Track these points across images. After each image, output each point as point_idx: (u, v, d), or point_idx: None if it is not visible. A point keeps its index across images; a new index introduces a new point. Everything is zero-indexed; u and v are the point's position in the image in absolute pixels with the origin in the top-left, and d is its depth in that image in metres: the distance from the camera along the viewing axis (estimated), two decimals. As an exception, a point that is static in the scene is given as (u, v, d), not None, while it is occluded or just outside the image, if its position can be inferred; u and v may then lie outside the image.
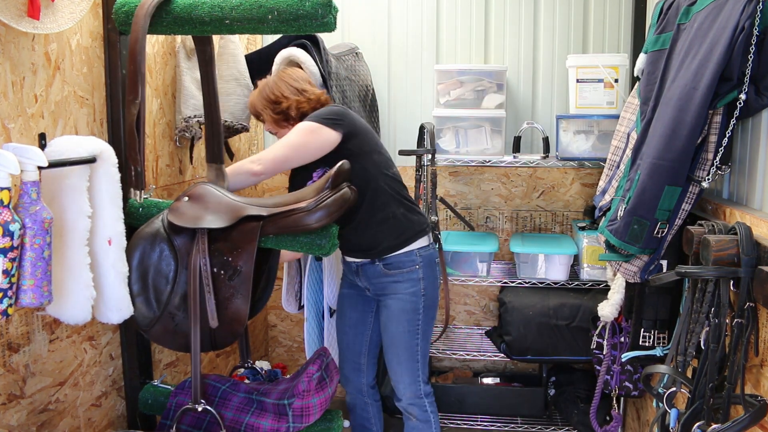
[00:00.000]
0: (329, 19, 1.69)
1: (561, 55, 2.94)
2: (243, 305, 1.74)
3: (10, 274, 1.34)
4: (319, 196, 1.73)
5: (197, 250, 1.74)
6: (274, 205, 1.77)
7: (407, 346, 2.17)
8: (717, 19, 1.59)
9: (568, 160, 2.70)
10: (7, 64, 1.54)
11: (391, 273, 2.15)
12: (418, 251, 2.14)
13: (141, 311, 1.78)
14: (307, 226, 1.72)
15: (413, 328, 2.16)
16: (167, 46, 2.27)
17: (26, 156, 1.40)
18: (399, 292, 2.15)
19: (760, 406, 1.34)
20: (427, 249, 2.17)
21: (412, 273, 2.14)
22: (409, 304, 2.15)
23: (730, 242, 1.41)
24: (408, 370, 2.19)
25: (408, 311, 2.15)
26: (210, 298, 1.74)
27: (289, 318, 3.33)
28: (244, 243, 1.74)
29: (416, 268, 2.13)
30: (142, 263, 1.77)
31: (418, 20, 3.03)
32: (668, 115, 1.67)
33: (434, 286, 2.19)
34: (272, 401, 1.82)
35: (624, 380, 2.37)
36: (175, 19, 1.77)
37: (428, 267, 2.16)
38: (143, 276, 1.77)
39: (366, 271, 2.19)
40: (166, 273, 1.78)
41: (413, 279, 2.14)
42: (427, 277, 2.15)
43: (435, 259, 2.20)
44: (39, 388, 1.69)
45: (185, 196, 1.80)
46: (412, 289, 2.14)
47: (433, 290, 2.18)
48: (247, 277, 1.73)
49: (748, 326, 1.38)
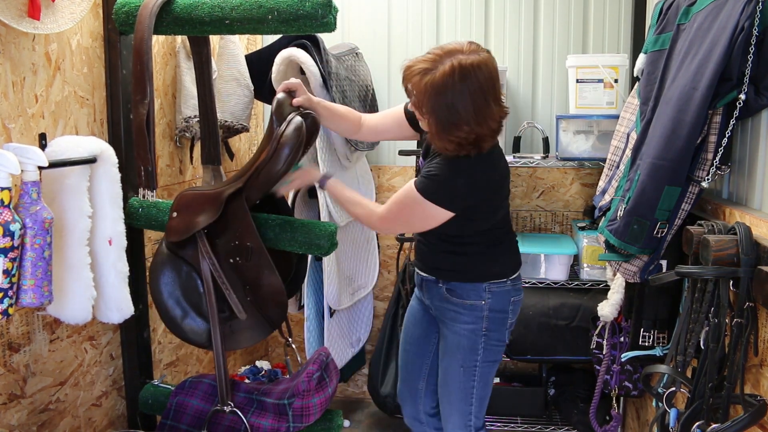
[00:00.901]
0: (329, 20, 1.69)
1: (561, 55, 2.94)
2: (272, 276, 1.73)
3: (10, 274, 1.34)
4: (273, 138, 1.71)
5: (201, 254, 1.75)
6: (244, 173, 1.77)
7: (461, 386, 1.92)
8: (717, 19, 1.59)
9: (568, 160, 2.70)
10: (7, 64, 1.54)
11: (453, 301, 1.90)
12: (488, 285, 1.87)
13: (194, 331, 1.81)
14: (278, 172, 1.70)
15: (469, 366, 1.90)
16: (167, 46, 2.27)
17: (27, 156, 1.40)
18: (458, 323, 1.90)
19: (760, 406, 1.34)
20: (501, 285, 1.88)
21: (476, 308, 1.87)
22: (466, 340, 1.89)
23: (729, 242, 1.41)
24: (458, 411, 1.94)
25: (464, 348, 1.89)
26: (230, 293, 1.74)
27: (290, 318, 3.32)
28: (239, 221, 1.75)
29: (482, 303, 1.86)
30: (170, 290, 1.81)
31: (418, 20, 3.03)
32: (668, 115, 1.67)
33: (501, 327, 1.90)
34: (272, 401, 1.82)
35: (624, 380, 2.37)
36: (175, 20, 1.77)
37: (498, 304, 1.88)
38: (177, 301, 1.81)
39: (429, 288, 1.97)
40: (194, 287, 1.81)
41: (476, 315, 1.87)
42: (494, 316, 1.88)
43: (512, 297, 1.91)
44: (39, 388, 1.69)
45: (173, 212, 1.82)
46: (473, 326, 1.88)
47: (498, 332, 1.90)
48: (260, 250, 1.73)
49: (747, 326, 1.39)
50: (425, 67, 1.64)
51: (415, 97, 1.68)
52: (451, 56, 1.62)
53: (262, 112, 3.19)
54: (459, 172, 1.72)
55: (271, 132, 1.74)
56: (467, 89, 1.61)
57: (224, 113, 2.42)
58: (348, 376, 3.03)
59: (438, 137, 1.69)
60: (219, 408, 1.82)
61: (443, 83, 1.61)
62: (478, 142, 1.68)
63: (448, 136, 1.67)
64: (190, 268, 1.80)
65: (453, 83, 1.61)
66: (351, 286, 2.70)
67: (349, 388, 3.31)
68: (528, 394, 2.88)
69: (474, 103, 1.62)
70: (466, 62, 1.61)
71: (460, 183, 1.72)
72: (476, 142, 1.68)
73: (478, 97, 1.63)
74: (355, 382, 3.28)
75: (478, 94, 1.63)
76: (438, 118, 1.65)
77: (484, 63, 1.64)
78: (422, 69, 1.64)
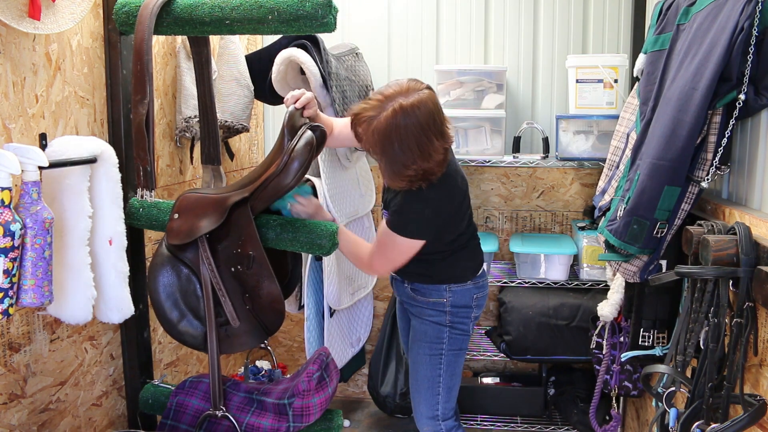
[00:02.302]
0: (329, 20, 1.69)
1: (561, 55, 2.94)
2: (272, 285, 1.75)
3: (11, 274, 1.35)
4: (284, 151, 1.72)
5: (201, 259, 1.75)
6: (251, 182, 1.78)
7: (427, 374, 2.02)
8: (716, 19, 1.59)
9: (568, 160, 2.70)
10: (7, 64, 1.54)
11: (417, 298, 2.04)
12: (448, 286, 1.99)
13: (189, 333, 1.81)
14: (287, 186, 1.72)
15: (435, 355, 2.01)
16: (168, 46, 2.27)
17: (27, 156, 1.40)
18: (424, 317, 2.03)
19: (759, 406, 1.35)
20: (462, 285, 2.00)
21: (438, 305, 2.00)
22: (431, 330, 2.01)
23: (729, 242, 1.42)
24: (426, 401, 2.03)
25: (430, 337, 2.01)
26: (226, 301, 1.75)
27: (289, 318, 3.34)
28: (243, 230, 1.75)
29: (443, 300, 1.99)
30: (168, 292, 1.80)
31: (418, 20, 3.03)
32: (668, 115, 1.68)
33: (464, 319, 2.01)
34: (272, 401, 1.82)
35: (623, 380, 2.37)
36: (175, 20, 1.78)
37: (460, 301, 2.00)
38: (175, 303, 1.81)
39: (396, 286, 2.13)
40: (192, 290, 1.81)
41: (439, 310, 2.00)
42: (456, 311, 2.00)
43: (474, 294, 2.02)
44: (40, 388, 1.70)
45: (174, 213, 1.82)
46: (437, 318, 2.01)
47: (461, 324, 2.01)
48: (261, 259, 1.74)
49: (747, 326, 1.39)
50: (370, 114, 1.72)
51: (365, 142, 1.77)
52: (391, 101, 1.71)
53: (262, 112, 3.19)
54: (419, 201, 1.82)
55: (281, 144, 1.74)
56: (409, 131, 1.70)
57: (224, 113, 2.42)
58: (348, 376, 3.03)
59: (390, 178, 1.80)
60: (211, 412, 1.82)
61: (386, 128, 1.70)
62: (427, 176, 1.78)
63: (399, 176, 1.77)
64: (189, 271, 1.81)
65: (396, 126, 1.69)
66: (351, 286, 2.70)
67: (349, 388, 3.31)
68: (528, 394, 2.88)
69: (417, 142, 1.71)
70: (405, 104, 1.69)
71: (425, 212, 1.84)
72: (425, 176, 1.77)
73: (420, 136, 1.71)
74: (355, 382, 3.29)
75: (420, 133, 1.70)
76: (387, 160, 1.75)
77: (422, 102, 1.71)
78: (368, 117, 1.73)
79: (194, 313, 1.81)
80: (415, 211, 1.84)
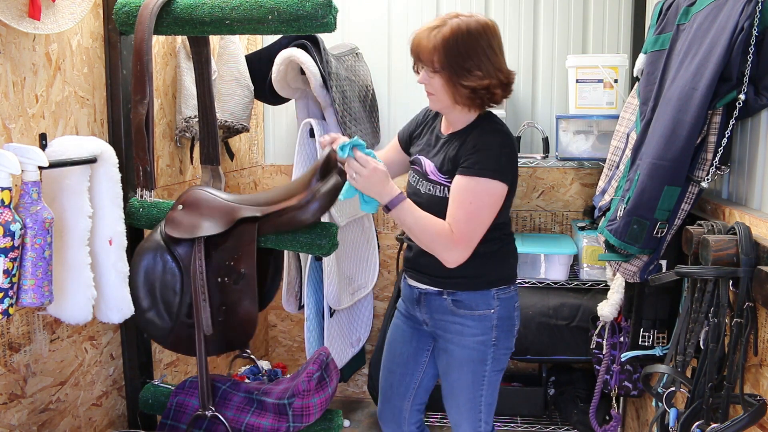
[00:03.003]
0: (329, 20, 1.69)
1: (561, 55, 2.94)
2: (251, 307, 1.75)
3: (11, 274, 1.35)
4: (310, 189, 1.71)
5: (195, 260, 1.75)
6: (267, 203, 1.77)
7: (469, 397, 1.84)
8: (716, 19, 1.59)
9: (568, 160, 2.70)
10: (7, 64, 1.54)
11: (459, 313, 1.80)
12: (497, 292, 1.79)
13: (154, 324, 1.80)
14: (302, 222, 1.71)
15: (478, 378, 1.82)
16: (168, 46, 2.27)
17: (27, 156, 1.40)
18: (465, 336, 1.80)
19: (759, 406, 1.35)
20: (507, 291, 1.82)
21: (485, 318, 1.78)
22: (475, 353, 1.80)
23: (729, 242, 1.42)
24: (468, 420, 1.87)
25: (474, 361, 1.81)
26: (205, 306, 1.74)
27: (289, 318, 3.34)
28: (243, 246, 1.74)
29: (491, 312, 1.78)
30: (148, 278, 1.78)
31: (418, 20, 3.03)
32: (668, 115, 1.68)
33: (509, 335, 1.84)
34: (272, 401, 1.82)
35: (623, 380, 2.37)
36: (175, 20, 1.78)
37: (505, 312, 1.81)
38: (151, 290, 1.79)
39: (429, 302, 1.84)
40: (172, 284, 1.79)
41: (485, 325, 1.79)
42: (502, 325, 1.81)
43: (515, 303, 1.85)
44: (40, 388, 1.70)
45: (179, 204, 1.81)
46: (482, 337, 1.79)
47: (506, 340, 1.83)
48: (251, 279, 1.73)
49: (747, 326, 1.39)
50: (434, 25, 1.68)
51: (426, 56, 1.67)
52: (457, 17, 1.68)
53: (262, 112, 3.19)
54: (496, 133, 1.71)
55: (310, 180, 1.73)
56: (477, 40, 1.65)
57: (224, 113, 2.42)
58: (348, 376, 3.03)
59: (449, 87, 1.68)
60: (200, 413, 1.82)
61: (453, 34, 1.64)
62: (491, 90, 1.68)
63: (461, 82, 1.66)
64: (176, 265, 1.79)
65: (463, 34, 1.64)
66: (351, 285, 2.71)
67: (349, 388, 3.31)
68: (528, 393, 2.88)
69: (484, 51, 1.65)
70: (471, 20, 1.67)
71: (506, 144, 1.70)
72: (489, 89, 1.67)
73: (487, 47, 1.66)
74: (355, 382, 3.29)
75: (487, 44, 1.66)
76: (450, 66, 1.65)
77: (490, 22, 1.70)
78: (431, 27, 1.67)
79: (166, 306, 1.79)
80: (497, 144, 1.68)
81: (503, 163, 1.68)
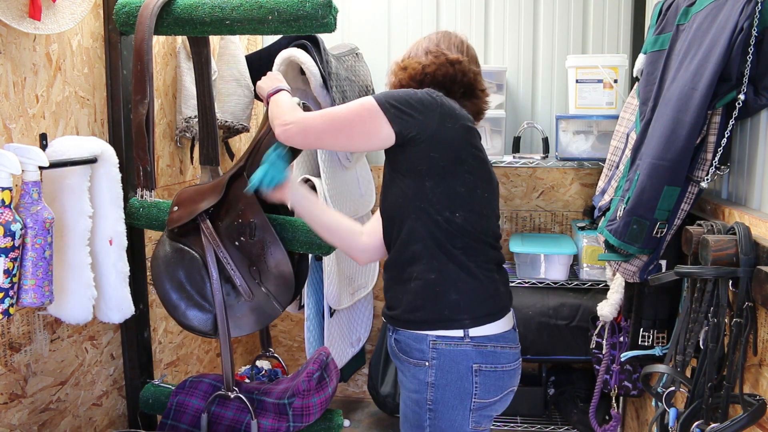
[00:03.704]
0: (329, 20, 1.69)
1: (560, 55, 2.94)
2: (278, 251, 1.72)
3: (11, 273, 1.35)
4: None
5: (204, 235, 1.75)
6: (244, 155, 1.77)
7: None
8: (716, 19, 1.60)
9: (568, 161, 2.70)
10: (8, 64, 1.54)
11: (401, 357, 1.47)
12: (434, 340, 1.39)
13: (199, 319, 1.78)
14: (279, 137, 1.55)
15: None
16: (168, 46, 2.27)
17: (27, 156, 1.40)
18: (404, 389, 1.48)
19: (759, 406, 1.35)
20: (452, 342, 1.39)
21: (420, 371, 1.41)
22: (411, 413, 1.45)
23: (728, 242, 1.42)
24: None
25: (410, 423, 1.46)
26: (235, 273, 1.73)
27: (289, 318, 3.34)
28: (242, 200, 1.75)
29: (425, 365, 1.40)
30: (173, 280, 1.78)
31: (418, 20, 3.03)
32: (667, 115, 1.68)
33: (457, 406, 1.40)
34: (272, 401, 1.82)
35: (623, 380, 2.37)
36: (176, 20, 1.78)
37: (449, 372, 1.39)
38: (181, 288, 1.78)
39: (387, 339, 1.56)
40: (198, 270, 1.78)
41: (419, 381, 1.41)
42: (444, 389, 1.39)
43: (471, 364, 1.39)
44: (40, 388, 1.70)
45: (174, 206, 1.83)
46: (415, 395, 1.42)
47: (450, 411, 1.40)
48: (264, 224, 1.72)
49: (746, 326, 1.39)
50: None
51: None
52: None
53: (262, 113, 3.19)
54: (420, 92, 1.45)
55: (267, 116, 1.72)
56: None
57: (224, 113, 2.42)
58: (348, 376, 3.03)
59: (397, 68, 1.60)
60: (223, 393, 1.81)
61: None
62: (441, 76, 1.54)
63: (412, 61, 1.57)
64: (192, 254, 1.79)
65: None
66: (351, 285, 2.71)
67: (349, 388, 3.31)
68: (528, 393, 2.88)
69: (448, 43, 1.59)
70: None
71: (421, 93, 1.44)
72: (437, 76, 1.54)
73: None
74: (355, 381, 3.29)
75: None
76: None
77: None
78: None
79: (201, 295, 1.78)
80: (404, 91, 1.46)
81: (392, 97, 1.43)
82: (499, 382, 1.43)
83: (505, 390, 1.47)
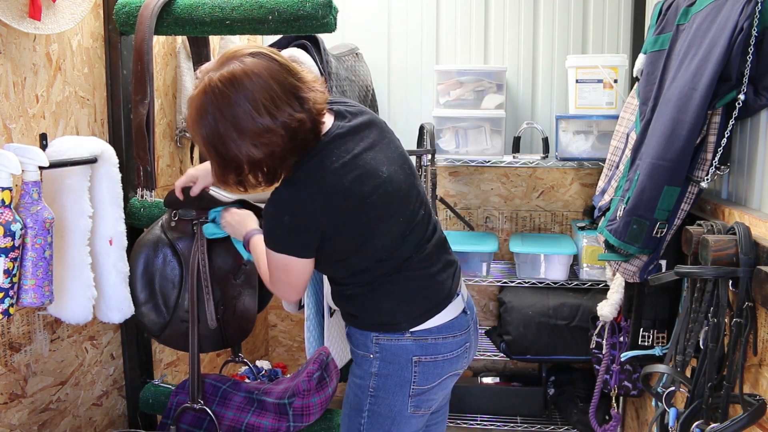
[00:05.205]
0: (329, 20, 1.70)
1: (560, 55, 2.94)
2: (251, 303, 1.76)
3: (11, 273, 1.35)
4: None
5: (196, 249, 1.74)
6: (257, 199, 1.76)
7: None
8: (716, 19, 1.60)
9: (568, 161, 2.70)
10: (8, 64, 1.54)
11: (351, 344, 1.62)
12: (377, 337, 1.50)
13: (150, 318, 1.80)
14: None
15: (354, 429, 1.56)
16: (168, 46, 2.27)
17: (27, 156, 1.40)
18: (352, 373, 1.61)
19: (759, 406, 1.35)
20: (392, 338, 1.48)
21: (365, 362, 1.53)
22: (353, 396, 1.57)
23: (729, 242, 1.42)
24: None
25: (351, 406, 1.58)
26: (209, 299, 1.74)
27: (289, 318, 3.34)
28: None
29: (370, 357, 1.52)
30: (147, 270, 1.78)
31: (418, 20, 3.03)
32: (667, 115, 1.68)
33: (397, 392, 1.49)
34: (273, 401, 1.82)
35: (623, 379, 2.37)
36: (176, 20, 1.78)
37: (391, 364, 1.49)
38: (149, 283, 1.79)
39: None
40: (171, 278, 1.80)
41: (364, 370, 1.54)
42: (386, 378, 1.49)
43: (413, 356, 1.48)
44: (40, 388, 1.70)
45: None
46: (359, 381, 1.55)
47: (391, 398, 1.50)
48: (252, 274, 1.74)
49: (746, 326, 1.39)
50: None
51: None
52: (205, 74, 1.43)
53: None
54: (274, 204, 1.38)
55: None
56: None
57: (224, 113, 2.42)
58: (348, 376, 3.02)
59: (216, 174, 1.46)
60: (188, 405, 1.82)
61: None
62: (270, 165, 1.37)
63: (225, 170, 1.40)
64: (175, 258, 1.79)
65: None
66: (351, 286, 2.70)
67: (349, 388, 3.31)
68: (527, 393, 2.88)
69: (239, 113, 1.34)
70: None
71: (284, 219, 1.37)
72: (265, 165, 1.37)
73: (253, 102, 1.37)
74: (355, 381, 3.28)
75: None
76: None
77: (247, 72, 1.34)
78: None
79: (164, 300, 1.80)
80: (270, 216, 1.39)
81: (278, 238, 1.40)
82: (437, 370, 1.52)
83: (443, 376, 1.55)
